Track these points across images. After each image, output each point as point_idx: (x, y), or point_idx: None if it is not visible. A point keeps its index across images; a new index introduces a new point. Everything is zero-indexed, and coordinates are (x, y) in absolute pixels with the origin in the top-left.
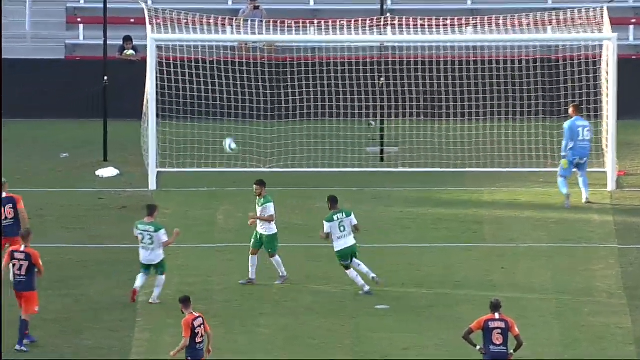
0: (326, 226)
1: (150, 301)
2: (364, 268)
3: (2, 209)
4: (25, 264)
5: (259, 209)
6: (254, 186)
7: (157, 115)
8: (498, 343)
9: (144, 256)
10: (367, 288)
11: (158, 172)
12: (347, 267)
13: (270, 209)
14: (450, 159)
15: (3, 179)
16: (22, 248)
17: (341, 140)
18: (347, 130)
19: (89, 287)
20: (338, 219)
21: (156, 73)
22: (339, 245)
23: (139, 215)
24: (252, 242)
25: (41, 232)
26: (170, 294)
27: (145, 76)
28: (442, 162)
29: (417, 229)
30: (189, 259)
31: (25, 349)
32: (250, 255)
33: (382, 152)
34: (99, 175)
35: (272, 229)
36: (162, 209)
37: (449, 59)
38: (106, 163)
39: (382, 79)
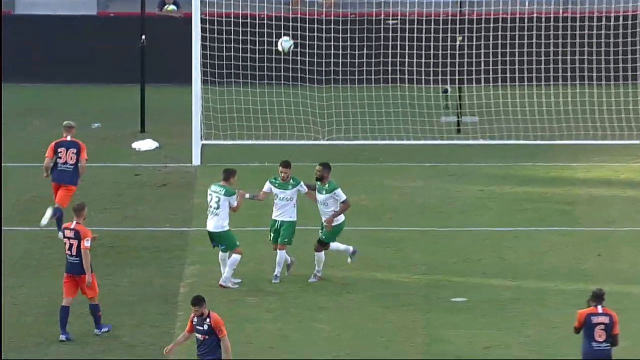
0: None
1: (219, 283)
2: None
3: (65, 151)
4: (75, 243)
5: (321, 197)
6: (317, 168)
7: (202, 80)
8: (600, 340)
9: (208, 223)
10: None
11: (203, 144)
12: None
13: (342, 194)
14: (537, 130)
15: (72, 122)
16: (73, 224)
17: (411, 109)
18: (418, 97)
19: (124, 276)
20: None
21: (200, 31)
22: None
23: (180, 193)
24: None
25: (68, 212)
26: (215, 283)
27: (189, 35)
28: (527, 133)
29: (499, 210)
30: None
31: (107, 328)
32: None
33: (458, 122)
34: (135, 149)
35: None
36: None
37: (534, 15)
38: (144, 134)
39: (459, 38)
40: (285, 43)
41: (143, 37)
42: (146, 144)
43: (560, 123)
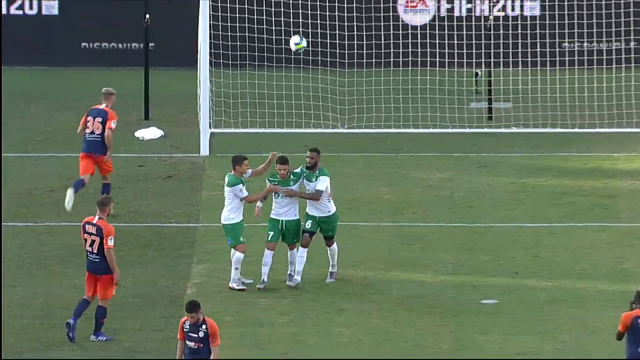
0: (328, 183)
1: (229, 285)
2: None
3: (92, 120)
4: (98, 240)
5: (311, 186)
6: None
7: (210, 63)
8: None
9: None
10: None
11: (211, 133)
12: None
13: (324, 184)
14: (576, 117)
15: (111, 89)
16: (96, 219)
17: (439, 94)
18: (446, 81)
19: (126, 276)
20: None
21: (209, 9)
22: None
23: (187, 186)
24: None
25: (86, 204)
26: (225, 284)
27: (196, 13)
28: (565, 121)
29: (533, 204)
30: (249, 241)
31: (104, 338)
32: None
33: (490, 108)
34: (138, 137)
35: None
36: (217, 180)
37: None
38: (147, 122)
39: (490, 16)
40: (295, 44)
41: (147, 16)
42: (150, 133)
43: (602, 110)
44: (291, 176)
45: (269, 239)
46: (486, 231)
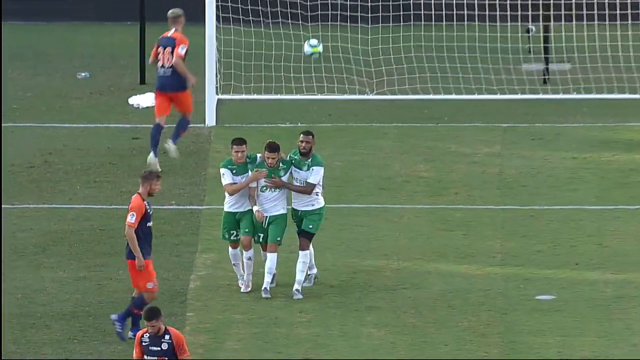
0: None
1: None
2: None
3: (162, 51)
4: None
5: (302, 174)
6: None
7: (218, 18)
8: None
9: None
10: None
11: (218, 100)
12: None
13: (319, 175)
14: None
15: (178, 10)
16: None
17: (485, 54)
18: (494, 39)
19: (120, 267)
20: None
21: None
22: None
23: (190, 161)
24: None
25: (50, 187)
26: (233, 276)
27: None
28: (634, 84)
29: (597, 183)
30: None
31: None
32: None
33: (545, 71)
34: (133, 105)
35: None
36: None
37: None
38: (143, 87)
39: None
40: (311, 46)
41: None
42: (147, 99)
43: None
44: (281, 164)
45: (259, 241)
46: (541, 215)
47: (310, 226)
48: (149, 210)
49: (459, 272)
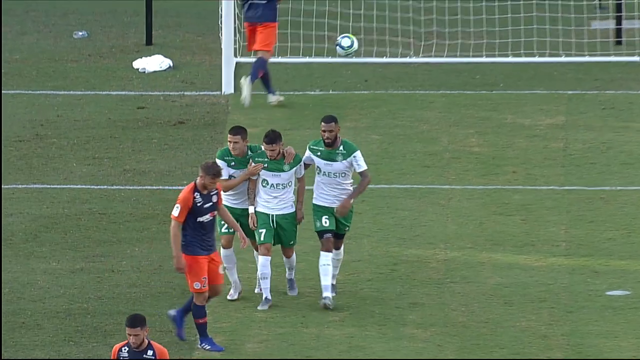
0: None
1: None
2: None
3: None
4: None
5: (337, 166)
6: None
7: None
8: None
9: None
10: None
11: (237, 63)
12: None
13: (363, 161)
14: None
15: None
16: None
17: (547, 12)
18: None
19: (122, 257)
20: None
21: None
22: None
23: (204, 135)
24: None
25: (43, 164)
26: (251, 267)
27: None
28: None
29: None
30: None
31: (208, 346)
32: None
33: (618, 30)
34: (138, 69)
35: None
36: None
37: None
38: (150, 48)
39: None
40: (345, 48)
41: None
42: (154, 63)
43: None
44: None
45: (262, 239)
46: (613, 197)
47: (347, 228)
48: (198, 204)
49: (517, 264)
